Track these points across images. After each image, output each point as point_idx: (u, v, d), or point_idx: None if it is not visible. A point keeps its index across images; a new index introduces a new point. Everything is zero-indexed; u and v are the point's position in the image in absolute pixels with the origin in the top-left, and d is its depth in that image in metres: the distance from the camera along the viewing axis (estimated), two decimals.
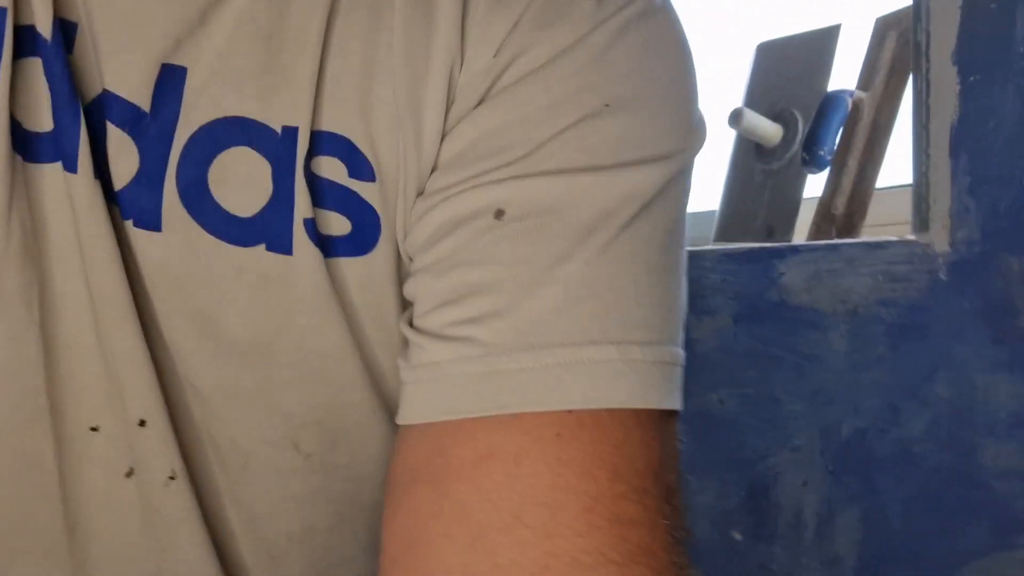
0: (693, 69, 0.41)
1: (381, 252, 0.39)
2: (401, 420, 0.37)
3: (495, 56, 0.37)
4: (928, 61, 0.68)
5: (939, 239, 0.67)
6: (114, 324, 0.37)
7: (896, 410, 0.72)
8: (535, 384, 0.34)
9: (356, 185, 0.38)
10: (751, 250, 0.90)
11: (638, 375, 0.35)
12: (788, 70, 1.01)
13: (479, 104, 0.37)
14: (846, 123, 0.88)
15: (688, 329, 1.10)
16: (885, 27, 0.87)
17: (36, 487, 0.40)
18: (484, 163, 0.36)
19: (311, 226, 0.38)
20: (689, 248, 0.43)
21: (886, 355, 0.73)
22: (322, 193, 0.38)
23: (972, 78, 0.64)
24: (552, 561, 0.32)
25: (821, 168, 0.89)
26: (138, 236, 0.37)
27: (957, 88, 0.65)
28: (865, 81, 0.88)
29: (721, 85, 1.42)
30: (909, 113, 0.74)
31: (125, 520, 0.41)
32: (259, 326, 0.39)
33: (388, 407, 0.42)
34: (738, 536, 0.94)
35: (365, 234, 0.39)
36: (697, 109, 0.41)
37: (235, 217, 0.38)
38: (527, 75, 0.37)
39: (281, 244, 0.38)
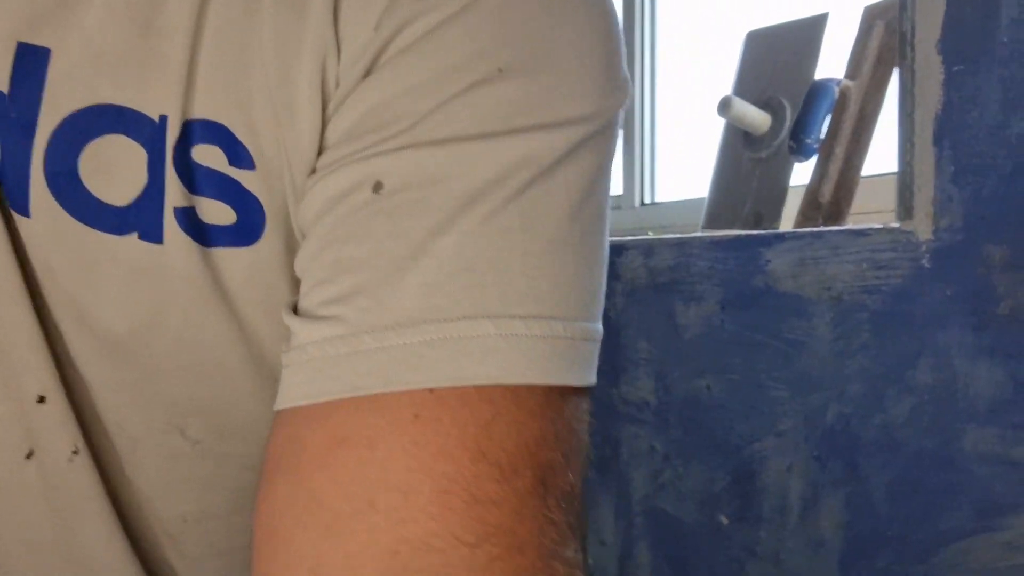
0: (610, 27, 0.38)
1: (268, 242, 0.38)
2: (275, 407, 0.36)
3: (375, 30, 0.35)
4: (913, 50, 0.68)
5: (922, 227, 0.68)
6: (5, 305, 0.37)
7: (880, 396, 0.72)
8: (394, 363, 0.32)
9: (236, 173, 0.37)
10: (738, 237, 0.90)
11: (518, 350, 0.33)
12: (777, 58, 1.01)
13: (363, 78, 0.36)
14: (833, 111, 0.89)
15: (676, 316, 1.10)
16: (872, 16, 0.87)
17: None
18: (368, 137, 0.35)
19: (183, 215, 0.37)
20: (678, 235, 0.44)
21: (870, 341, 0.73)
22: (202, 181, 0.37)
23: (956, 67, 0.65)
24: (402, 547, 0.31)
25: (808, 156, 0.90)
26: (17, 219, 0.37)
27: (941, 77, 0.66)
28: (852, 70, 0.89)
29: (712, 73, 1.42)
30: (896, 102, 0.74)
31: (29, 504, 0.41)
32: (134, 317, 0.39)
33: None
34: (724, 520, 0.95)
35: (250, 224, 0.38)
36: (617, 69, 0.38)
37: (108, 206, 0.37)
38: (412, 44, 0.35)
39: (152, 233, 0.37)
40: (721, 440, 0.95)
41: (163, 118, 0.36)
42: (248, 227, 0.38)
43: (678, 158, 1.53)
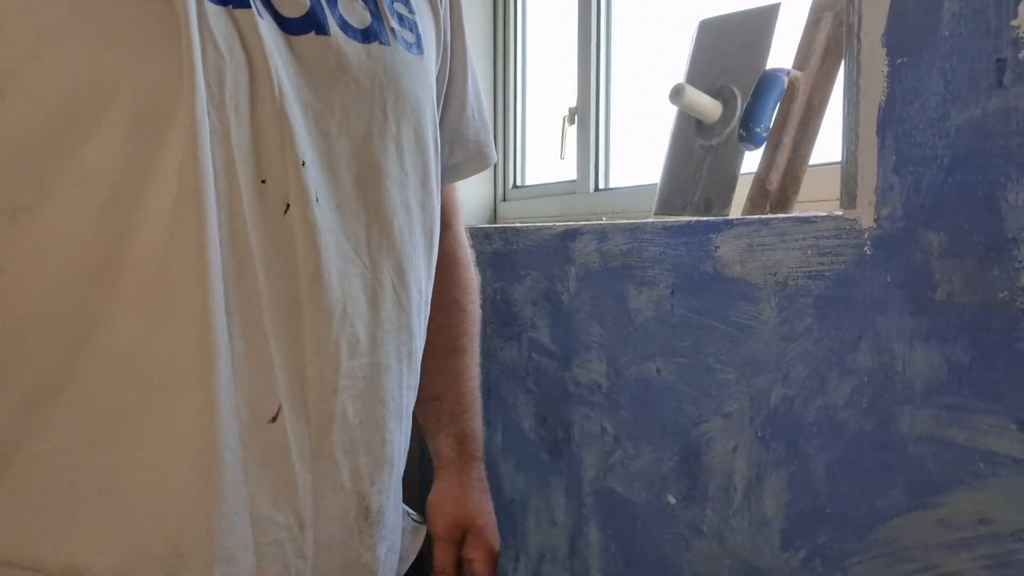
0: None
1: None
2: None
3: None
4: (859, 42, 0.69)
5: (865, 215, 0.69)
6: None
7: (822, 378, 0.74)
8: None
9: None
10: (689, 224, 0.92)
11: None
12: (728, 47, 1.02)
13: None
14: (782, 101, 0.90)
15: (628, 299, 1.12)
16: (821, 8, 0.88)
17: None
18: None
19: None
20: (630, 221, 0.45)
21: (813, 326, 0.75)
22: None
23: (900, 60, 0.66)
24: None
25: (757, 145, 0.91)
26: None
27: (886, 69, 0.67)
28: (801, 60, 0.90)
29: (665, 60, 1.43)
30: (842, 92, 0.76)
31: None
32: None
33: None
34: (672, 499, 0.97)
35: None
36: None
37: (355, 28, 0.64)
38: None
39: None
40: (670, 422, 0.97)
41: None
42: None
43: (631, 144, 1.54)
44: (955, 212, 0.61)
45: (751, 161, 0.97)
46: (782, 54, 0.96)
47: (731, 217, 0.85)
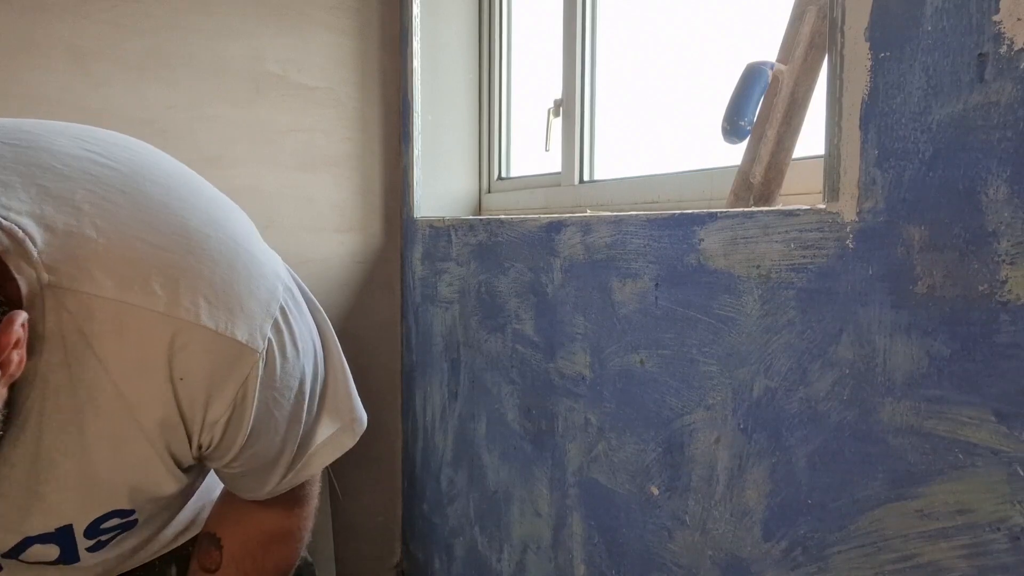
0: None
1: None
2: None
3: None
4: (843, 36, 0.70)
5: (847, 209, 0.69)
6: None
7: (803, 370, 0.75)
8: None
9: None
10: (672, 216, 0.92)
11: None
12: None
13: None
14: (766, 95, 0.90)
15: (612, 292, 1.12)
16: (805, 2, 0.89)
17: None
18: None
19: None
20: (615, 213, 0.45)
21: (796, 318, 0.75)
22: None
23: (883, 54, 0.66)
24: None
25: (741, 138, 0.91)
26: None
27: (869, 63, 0.67)
28: (785, 54, 0.90)
29: (651, 53, 1.43)
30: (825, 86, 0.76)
31: None
32: None
33: None
34: (655, 490, 0.97)
35: None
36: None
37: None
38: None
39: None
40: (653, 413, 0.97)
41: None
42: None
43: (616, 136, 1.54)
44: (936, 206, 0.62)
45: (735, 154, 0.97)
46: (766, 48, 0.96)
47: (715, 210, 0.86)
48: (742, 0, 1.19)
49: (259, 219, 2.06)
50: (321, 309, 0.85)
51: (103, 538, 0.76)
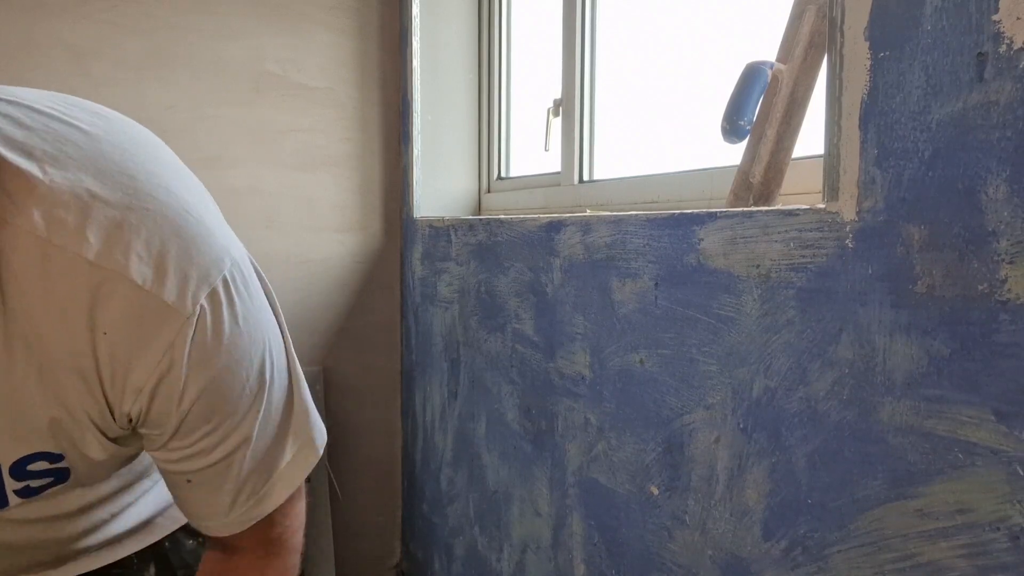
0: None
1: None
2: None
3: None
4: (842, 36, 0.70)
5: (847, 208, 0.69)
6: None
7: (803, 370, 0.75)
8: None
9: None
10: (672, 216, 0.92)
11: None
12: None
13: None
14: (765, 94, 0.90)
15: (611, 291, 1.12)
16: (804, 2, 0.89)
17: None
18: None
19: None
20: (614, 213, 0.45)
21: (795, 318, 0.75)
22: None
23: (882, 54, 0.66)
24: None
25: (740, 138, 0.91)
26: None
27: (868, 63, 0.67)
28: (784, 54, 0.90)
29: (650, 53, 1.43)
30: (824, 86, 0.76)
31: None
32: None
33: None
34: (654, 490, 0.97)
35: None
36: None
37: None
38: None
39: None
40: (653, 413, 0.97)
41: None
42: None
43: (616, 136, 1.54)
44: (936, 205, 0.62)
45: (734, 154, 0.97)
46: (766, 47, 0.96)
47: (714, 210, 0.85)
48: (742, 0, 1.19)
49: (259, 219, 2.06)
50: (282, 315, 0.80)
51: (32, 483, 0.72)
